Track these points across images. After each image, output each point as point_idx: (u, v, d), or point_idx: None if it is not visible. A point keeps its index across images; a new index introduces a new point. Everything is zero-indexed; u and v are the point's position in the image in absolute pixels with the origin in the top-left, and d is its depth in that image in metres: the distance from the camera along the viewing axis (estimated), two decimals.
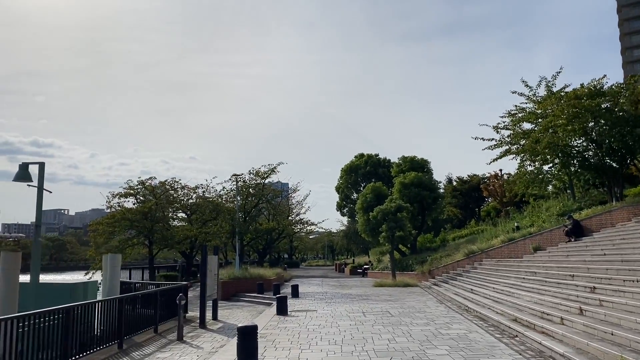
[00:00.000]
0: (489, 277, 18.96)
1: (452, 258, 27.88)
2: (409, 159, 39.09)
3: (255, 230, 29.64)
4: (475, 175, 59.80)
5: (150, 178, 29.62)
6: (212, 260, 16.00)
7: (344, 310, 15.42)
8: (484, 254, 25.46)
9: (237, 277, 24.91)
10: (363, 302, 18.31)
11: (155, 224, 28.75)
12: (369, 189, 36.67)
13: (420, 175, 36.57)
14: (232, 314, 18.10)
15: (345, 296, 21.00)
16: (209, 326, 14.87)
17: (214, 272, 16.27)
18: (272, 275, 26.47)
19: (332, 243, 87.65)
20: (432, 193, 36.90)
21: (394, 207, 29.00)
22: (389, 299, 19.16)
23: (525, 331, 9.30)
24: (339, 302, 18.48)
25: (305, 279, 36.33)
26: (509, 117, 24.53)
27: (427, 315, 13.65)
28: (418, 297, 19.80)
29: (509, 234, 25.58)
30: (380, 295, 21.00)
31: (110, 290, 14.84)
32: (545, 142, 19.76)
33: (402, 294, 21.58)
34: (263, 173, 30.58)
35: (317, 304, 17.67)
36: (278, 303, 14.78)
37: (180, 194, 32.98)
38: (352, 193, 66.33)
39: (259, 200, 30.38)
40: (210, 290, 15.67)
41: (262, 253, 42.82)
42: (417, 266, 30.85)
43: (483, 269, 22.44)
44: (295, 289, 21.26)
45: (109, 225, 28.07)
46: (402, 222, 28.77)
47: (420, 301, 18.18)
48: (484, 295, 15.81)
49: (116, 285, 15.44)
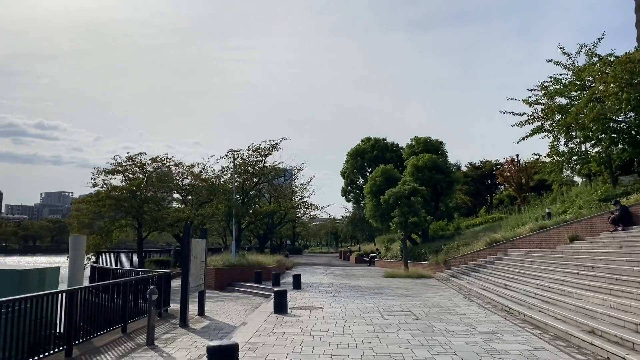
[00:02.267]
0: (523, 270, 16.22)
1: (471, 247, 25.25)
2: (423, 140, 36.17)
3: (255, 213, 26.83)
4: (488, 161, 56.60)
5: (140, 154, 26.87)
6: (198, 244, 13.31)
7: (355, 309, 12.72)
8: (509, 243, 22.80)
9: (232, 264, 22.29)
10: (376, 297, 15.63)
11: (144, 203, 26.07)
12: (379, 172, 33.86)
13: (435, 158, 33.71)
14: (223, 307, 15.46)
15: (355, 289, 18.33)
16: (192, 324, 12.21)
17: (201, 258, 13.59)
18: (271, 262, 23.82)
19: (336, 230, 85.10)
20: (446, 177, 34.08)
21: (407, 190, 26.23)
22: (406, 294, 16.47)
23: (627, 354, 6.54)
24: (349, 296, 15.81)
25: (309, 267, 33.78)
26: (542, 90, 21.59)
27: (462, 319, 10.93)
28: (439, 292, 17.10)
29: (538, 221, 22.80)
30: (395, 289, 18.32)
31: (71, 279, 12.21)
32: (594, 114, 16.88)
33: (419, 287, 18.91)
34: (263, 150, 27.54)
35: (323, 299, 15.00)
36: (276, 298, 12.09)
37: (174, 173, 30.25)
38: (358, 178, 63.61)
39: (259, 179, 27.41)
40: (195, 280, 13.00)
41: (263, 238, 40.21)
42: (431, 255, 28.23)
43: (510, 260, 19.73)
44: (297, 279, 18.62)
45: (93, 204, 25.41)
46: (416, 207, 26.02)
47: (444, 297, 15.48)
48: (525, 292, 13.08)
49: (78, 272, 12.75)
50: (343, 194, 65.11)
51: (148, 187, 27.43)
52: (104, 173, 26.00)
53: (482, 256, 23.62)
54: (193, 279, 12.79)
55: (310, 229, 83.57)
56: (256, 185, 26.99)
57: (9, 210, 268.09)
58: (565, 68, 20.64)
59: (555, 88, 21.09)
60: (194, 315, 13.65)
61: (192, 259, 12.72)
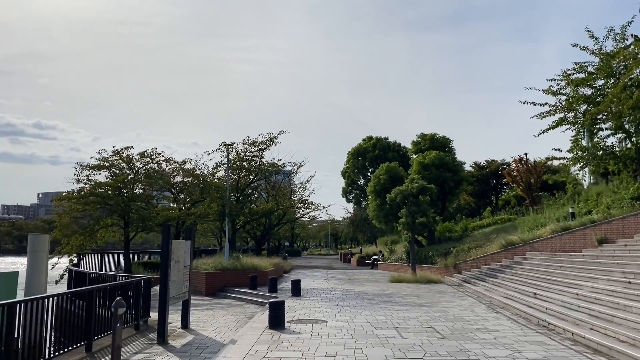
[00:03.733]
0: (551, 277, 14.33)
1: (484, 250, 23.40)
2: (429, 137, 34.30)
3: (250, 212, 24.81)
4: (494, 160, 54.54)
5: (127, 148, 24.84)
6: (181, 246, 11.39)
7: (365, 322, 10.81)
8: (527, 245, 20.94)
9: (225, 267, 20.35)
10: (387, 306, 13.71)
11: (131, 201, 24.10)
12: (383, 170, 31.99)
13: (442, 155, 31.84)
14: (212, 318, 13.53)
15: (360, 296, 16.42)
16: (173, 340, 10.29)
17: (184, 262, 11.66)
18: (268, 266, 21.88)
19: (336, 231, 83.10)
20: (454, 175, 32.23)
21: (416, 188, 24.33)
22: (419, 302, 14.56)
23: None
24: (355, 305, 13.89)
25: (308, 270, 31.85)
26: (565, 79, 19.71)
27: (497, 338, 9.02)
28: (456, 301, 15.19)
29: (559, 222, 20.91)
30: (405, 296, 16.41)
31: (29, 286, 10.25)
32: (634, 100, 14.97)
33: (431, 294, 17.00)
34: (260, 144, 25.37)
35: (326, 309, 13.08)
36: (272, 311, 10.15)
37: (165, 169, 28.25)
38: (359, 178, 61.88)
39: (255, 176, 25.31)
40: (177, 288, 11.07)
41: (260, 240, 38.25)
42: (439, 259, 26.34)
43: (532, 264, 17.86)
44: (296, 285, 16.70)
45: (76, 202, 23.42)
46: (425, 207, 24.13)
47: (464, 307, 13.57)
48: (562, 304, 11.18)
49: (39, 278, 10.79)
50: (343, 194, 63.20)
51: (136, 184, 25.46)
52: (87, 168, 24.00)
53: (497, 260, 21.81)
54: (174, 287, 10.88)
55: (310, 231, 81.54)
56: (252, 182, 24.89)
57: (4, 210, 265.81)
58: (592, 54, 18.78)
59: (579, 77, 19.21)
60: (175, 328, 11.74)
61: (173, 263, 10.80)
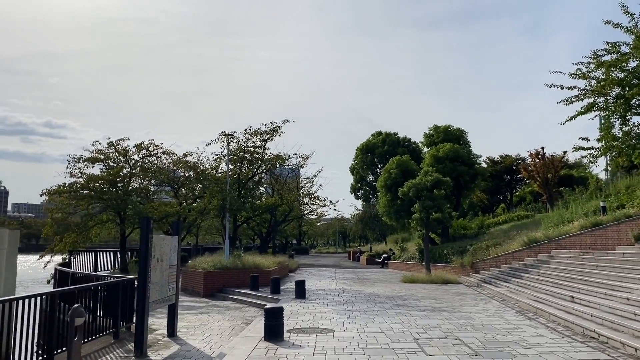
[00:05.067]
0: (588, 278, 12.65)
1: (504, 248, 21.78)
2: (443, 129, 32.57)
3: (252, 207, 23.20)
4: (508, 155, 52.58)
5: (123, 139, 23.36)
6: (165, 243, 9.85)
7: (379, 332, 9.22)
8: (552, 243, 19.32)
9: (225, 266, 18.84)
10: (402, 311, 12.11)
11: (127, 196, 22.66)
12: (394, 163, 30.29)
13: (457, 148, 30.11)
14: (206, 324, 12.00)
15: (371, 298, 14.82)
16: (154, 353, 8.78)
17: (170, 261, 10.12)
18: (271, 264, 20.33)
19: (344, 229, 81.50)
20: (470, 169, 30.49)
21: (430, 181, 22.66)
22: (439, 307, 12.94)
23: None
24: (366, 310, 12.30)
25: (315, 269, 30.30)
26: (594, 61, 17.94)
27: (543, 355, 7.38)
28: (480, 304, 13.55)
29: (588, 217, 19.19)
30: (421, 299, 14.79)
31: None
32: None
33: (450, 297, 15.37)
34: (263, 133, 23.67)
35: (333, 315, 11.50)
36: (268, 319, 8.56)
37: (166, 163, 26.80)
38: (367, 174, 60.28)
39: (257, 168, 23.65)
40: (160, 292, 9.55)
41: (266, 238, 36.75)
42: (455, 257, 24.71)
43: (560, 263, 16.19)
44: (300, 286, 15.13)
45: (68, 196, 22.04)
46: (440, 201, 22.45)
47: (490, 312, 11.93)
48: (610, 310, 9.52)
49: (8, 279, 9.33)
50: (352, 191, 61.51)
51: (133, 178, 24.03)
52: (81, 161, 22.57)
53: (519, 258, 20.21)
54: (156, 290, 9.35)
55: (318, 228, 80.00)
56: (254, 175, 23.29)
57: (15, 209, 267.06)
58: (627, 32, 17.00)
59: (612, 58, 17.42)
60: (160, 336, 10.23)
61: (155, 262, 9.27)
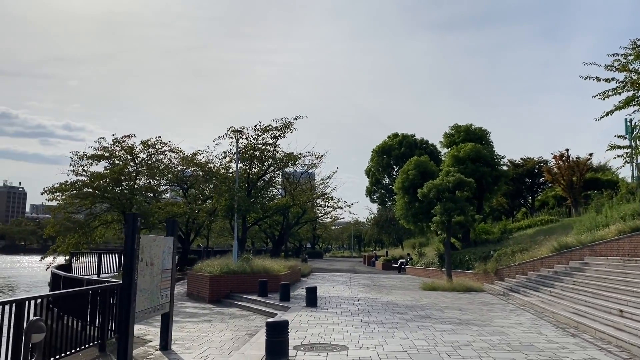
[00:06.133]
0: (635, 289, 11.18)
1: (531, 254, 20.32)
2: (464, 128, 31.12)
3: (263, 207, 21.92)
4: (530, 158, 50.64)
5: (129, 136, 22.36)
6: (155, 243, 8.68)
7: (400, 351, 7.91)
8: (586, 248, 17.78)
9: (233, 270, 17.66)
10: (425, 323, 10.78)
11: (132, 195, 21.63)
12: (412, 164, 28.88)
13: (479, 147, 28.64)
14: (206, 335, 10.80)
15: (390, 308, 13.50)
16: None
17: (162, 265, 8.93)
18: (282, 269, 19.10)
19: (359, 233, 79.98)
20: (493, 170, 28.99)
21: (452, 182, 21.25)
22: (466, 319, 11.57)
23: None
24: (384, 322, 10.99)
25: (329, 274, 29.04)
26: (634, 51, 16.49)
27: None
28: (511, 316, 12.14)
29: (626, 221, 17.61)
30: (445, 309, 13.43)
31: None
32: None
33: (476, 307, 13.99)
34: (274, 129, 21.59)
35: (347, 328, 10.22)
36: (270, 334, 7.29)
37: (175, 161, 25.75)
38: (383, 177, 58.75)
39: (268, 167, 22.30)
40: (150, 299, 8.37)
41: (279, 240, 35.54)
42: (477, 263, 23.29)
43: (597, 271, 14.72)
44: (311, 292, 13.86)
45: (71, 195, 21.09)
46: (463, 203, 21.03)
47: (525, 327, 10.54)
48: None
49: None
50: (367, 194, 60.00)
51: (139, 177, 23.01)
52: (84, 158, 21.60)
53: (547, 265, 18.77)
54: (145, 298, 8.17)
55: (332, 232, 78.63)
56: (265, 174, 22.05)
57: (33, 210, 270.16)
58: None
59: None
60: (153, 349, 9.05)
61: (143, 266, 8.10)
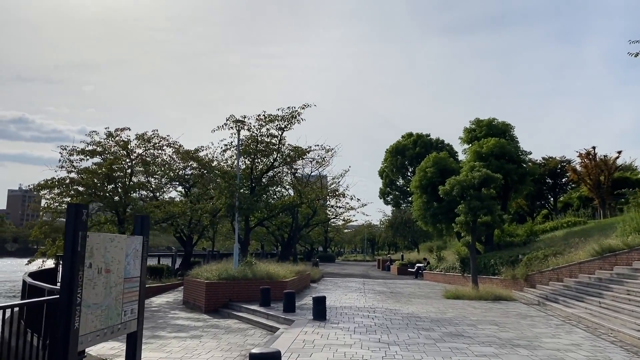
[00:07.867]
0: None
1: (567, 258, 18.20)
2: (486, 123, 28.94)
3: (267, 206, 19.87)
4: (552, 157, 48.14)
5: (123, 129, 20.55)
6: (114, 245, 6.72)
7: None
8: (633, 252, 15.64)
9: (232, 276, 15.72)
10: (457, 343, 8.72)
11: (127, 194, 19.82)
12: (430, 161, 26.76)
13: (503, 143, 26.45)
14: (190, 355, 8.84)
15: (412, 322, 11.43)
16: None
17: (123, 272, 6.95)
18: (288, 274, 17.09)
19: (372, 236, 77.74)
20: (518, 168, 26.80)
21: (478, 178, 19.11)
22: (506, 337, 9.46)
23: None
24: (408, 342, 8.94)
25: (340, 279, 27.00)
26: None
27: None
28: (558, 333, 10.01)
29: None
30: (477, 324, 11.31)
31: None
32: None
33: (513, 320, 11.86)
34: (280, 119, 19.12)
35: (362, 352, 8.19)
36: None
37: (175, 158, 23.97)
38: (397, 178, 56.65)
39: (273, 162, 20.12)
40: (105, 317, 6.39)
41: (288, 243, 33.63)
42: (504, 268, 21.13)
43: None
44: (320, 303, 11.80)
45: (59, 194, 19.35)
46: (489, 202, 18.87)
47: (585, 349, 8.43)
48: None
49: None
50: (381, 195, 57.79)
51: (134, 173, 21.22)
52: (74, 153, 19.84)
53: (587, 271, 16.65)
54: (96, 316, 6.18)
55: (344, 235, 76.49)
56: (270, 168, 19.91)
57: None
58: None
59: None
60: None
61: (94, 273, 6.13)
